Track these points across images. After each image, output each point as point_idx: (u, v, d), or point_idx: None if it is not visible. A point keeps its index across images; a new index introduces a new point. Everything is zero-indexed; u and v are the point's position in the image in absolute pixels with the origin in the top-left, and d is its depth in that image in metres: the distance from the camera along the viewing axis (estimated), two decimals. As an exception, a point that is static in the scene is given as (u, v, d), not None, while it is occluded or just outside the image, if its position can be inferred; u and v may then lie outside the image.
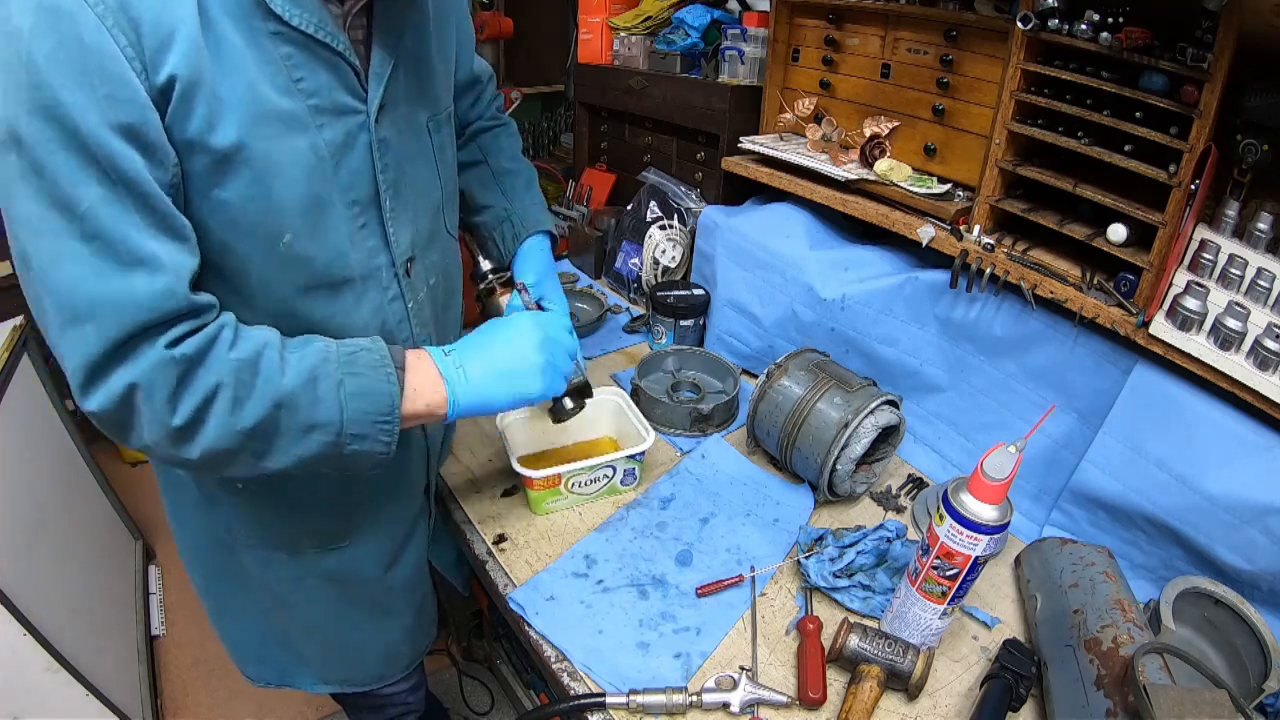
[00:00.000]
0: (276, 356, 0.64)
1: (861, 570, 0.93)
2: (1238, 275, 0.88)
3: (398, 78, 0.72)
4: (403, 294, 0.79)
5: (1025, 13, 0.91)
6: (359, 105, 0.68)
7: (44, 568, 1.47)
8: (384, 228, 0.74)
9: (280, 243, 0.65)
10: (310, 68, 0.63)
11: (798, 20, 1.32)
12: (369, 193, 0.71)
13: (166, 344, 0.57)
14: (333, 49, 0.63)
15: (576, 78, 1.82)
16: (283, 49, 0.61)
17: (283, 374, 0.63)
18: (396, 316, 0.79)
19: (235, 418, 0.61)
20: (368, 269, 0.74)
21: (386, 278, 0.77)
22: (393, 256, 0.76)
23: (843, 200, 1.24)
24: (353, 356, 0.68)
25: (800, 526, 1.00)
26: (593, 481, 1.05)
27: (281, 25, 0.60)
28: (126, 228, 0.54)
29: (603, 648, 0.84)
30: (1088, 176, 0.95)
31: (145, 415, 0.58)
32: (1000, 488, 0.71)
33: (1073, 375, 1.03)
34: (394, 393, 0.68)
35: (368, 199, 0.71)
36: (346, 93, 0.66)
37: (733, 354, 1.41)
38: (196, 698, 1.83)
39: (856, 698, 0.76)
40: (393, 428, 0.69)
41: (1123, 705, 0.65)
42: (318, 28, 0.61)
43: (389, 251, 0.76)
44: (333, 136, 0.66)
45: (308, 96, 0.63)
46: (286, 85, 0.61)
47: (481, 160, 1.05)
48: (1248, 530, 0.83)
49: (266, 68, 0.60)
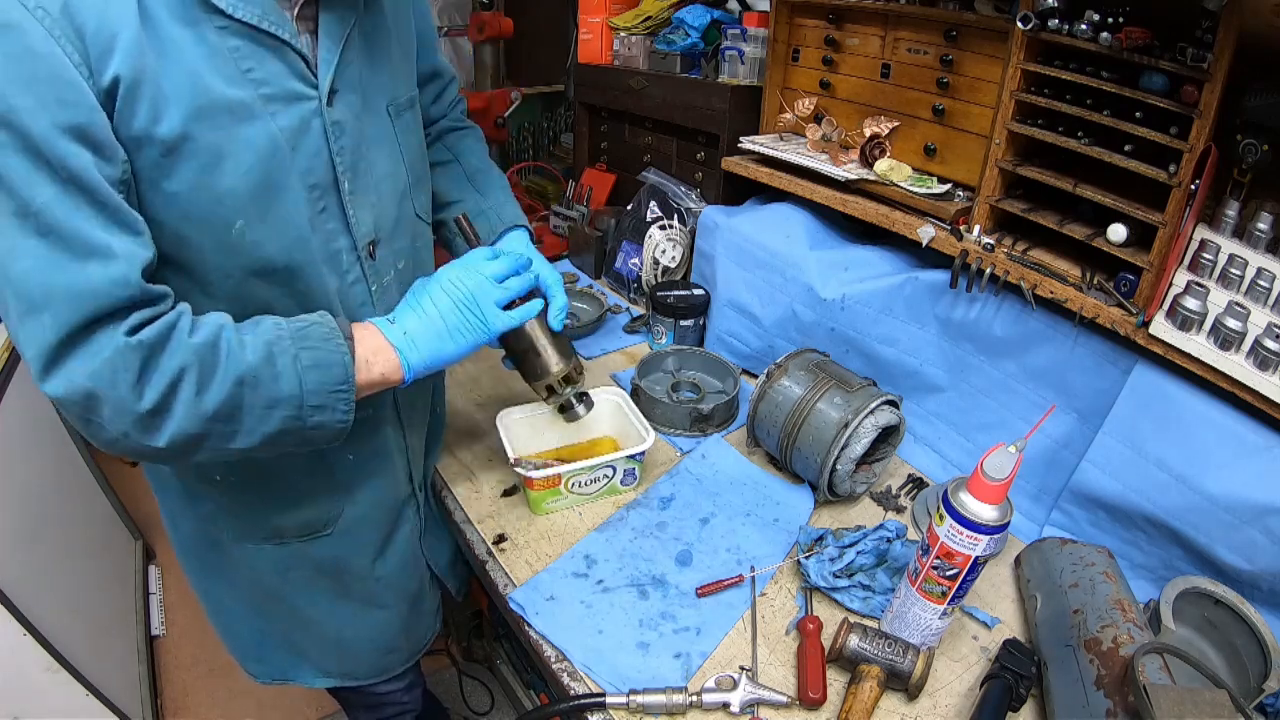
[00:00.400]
0: (234, 336, 0.66)
1: (862, 570, 0.93)
2: (1238, 275, 0.88)
3: (350, 62, 0.73)
4: (365, 277, 0.81)
5: (1025, 13, 0.91)
6: (310, 91, 0.69)
7: (44, 568, 1.47)
8: (344, 210, 0.76)
9: (231, 230, 0.66)
10: (258, 58, 0.65)
11: (798, 20, 1.32)
12: (327, 176, 0.73)
13: (127, 331, 0.59)
14: (278, 38, 0.65)
15: (576, 78, 1.82)
16: (230, 42, 0.62)
17: (242, 350, 0.65)
18: (358, 299, 0.81)
19: (200, 399, 0.63)
20: (327, 252, 0.76)
21: (348, 260, 0.78)
22: (354, 239, 0.78)
23: (843, 200, 1.24)
24: (304, 331, 0.70)
25: (800, 526, 1.00)
26: (593, 481, 1.05)
27: (226, 19, 0.62)
28: (79, 222, 0.57)
29: (603, 648, 0.84)
30: (1088, 176, 0.95)
31: (111, 403, 0.60)
32: (1000, 488, 0.71)
33: (1073, 375, 1.03)
34: (346, 362, 0.71)
35: (326, 183, 0.73)
36: (297, 79, 0.68)
37: (733, 354, 1.41)
38: (196, 698, 1.83)
39: (856, 698, 0.76)
40: (349, 395, 0.72)
41: (1123, 705, 0.65)
42: (261, 18, 0.63)
43: (349, 234, 0.77)
44: (287, 122, 0.68)
45: (258, 86, 0.65)
46: (235, 75, 0.63)
47: (452, 159, 1.06)
48: (1248, 530, 0.83)
49: (213, 60, 0.62)
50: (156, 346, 0.61)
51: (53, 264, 0.57)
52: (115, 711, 1.44)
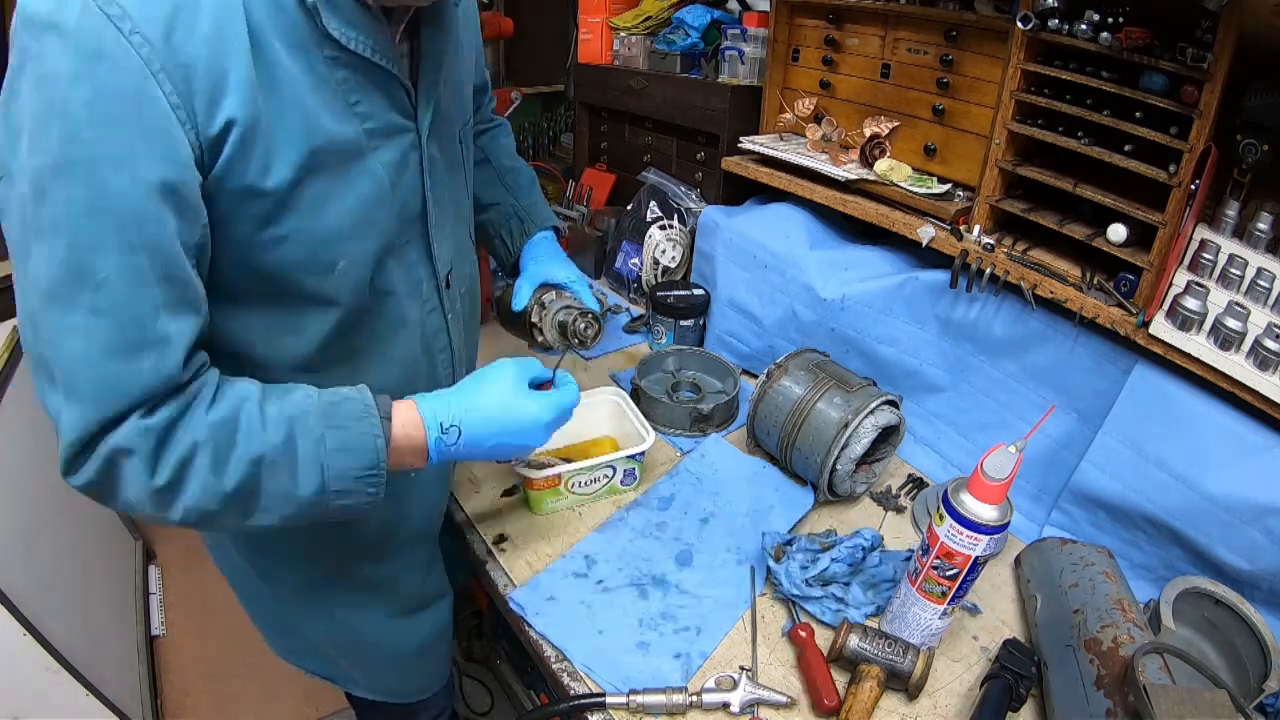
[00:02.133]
0: (256, 411, 0.60)
1: (835, 580, 0.91)
2: (1238, 275, 0.88)
3: (442, 94, 0.72)
4: (442, 305, 0.80)
5: (1025, 13, 0.91)
6: (410, 124, 0.68)
7: (44, 568, 1.47)
8: (429, 242, 0.75)
9: (334, 271, 0.64)
10: (365, 90, 0.62)
11: (798, 20, 1.32)
12: (417, 209, 0.72)
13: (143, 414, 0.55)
14: (387, 71, 0.63)
15: (576, 78, 1.82)
16: (338, 73, 0.59)
17: (264, 429, 0.60)
18: (435, 327, 0.80)
19: (217, 479, 0.58)
20: (409, 282, 0.74)
21: (427, 290, 0.77)
22: (435, 269, 0.77)
23: (843, 200, 1.24)
24: (335, 408, 0.63)
25: (764, 533, 0.96)
26: (593, 481, 1.05)
27: (338, 50, 0.58)
28: (141, 304, 0.52)
29: (603, 648, 0.84)
30: (1088, 176, 0.95)
31: (127, 479, 0.56)
32: (1000, 488, 0.71)
33: (1073, 375, 1.03)
34: (379, 446, 0.63)
35: (415, 215, 0.72)
36: (398, 113, 0.66)
37: (733, 354, 1.41)
38: (197, 698, 1.83)
39: (856, 698, 0.76)
40: (379, 480, 0.64)
41: (1123, 705, 0.65)
42: (374, 50, 0.60)
43: (431, 264, 0.77)
44: (389, 158, 0.66)
45: (364, 120, 0.62)
46: (343, 110, 0.60)
47: (484, 159, 1.05)
48: (1248, 530, 0.83)
49: (323, 93, 0.58)
50: (173, 423, 0.56)
51: (105, 351, 0.52)
52: (115, 711, 1.44)
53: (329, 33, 0.57)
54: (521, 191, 1.05)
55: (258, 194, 0.56)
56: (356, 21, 0.58)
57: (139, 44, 0.46)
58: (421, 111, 0.69)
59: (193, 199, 0.52)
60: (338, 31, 0.57)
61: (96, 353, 0.52)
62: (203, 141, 0.51)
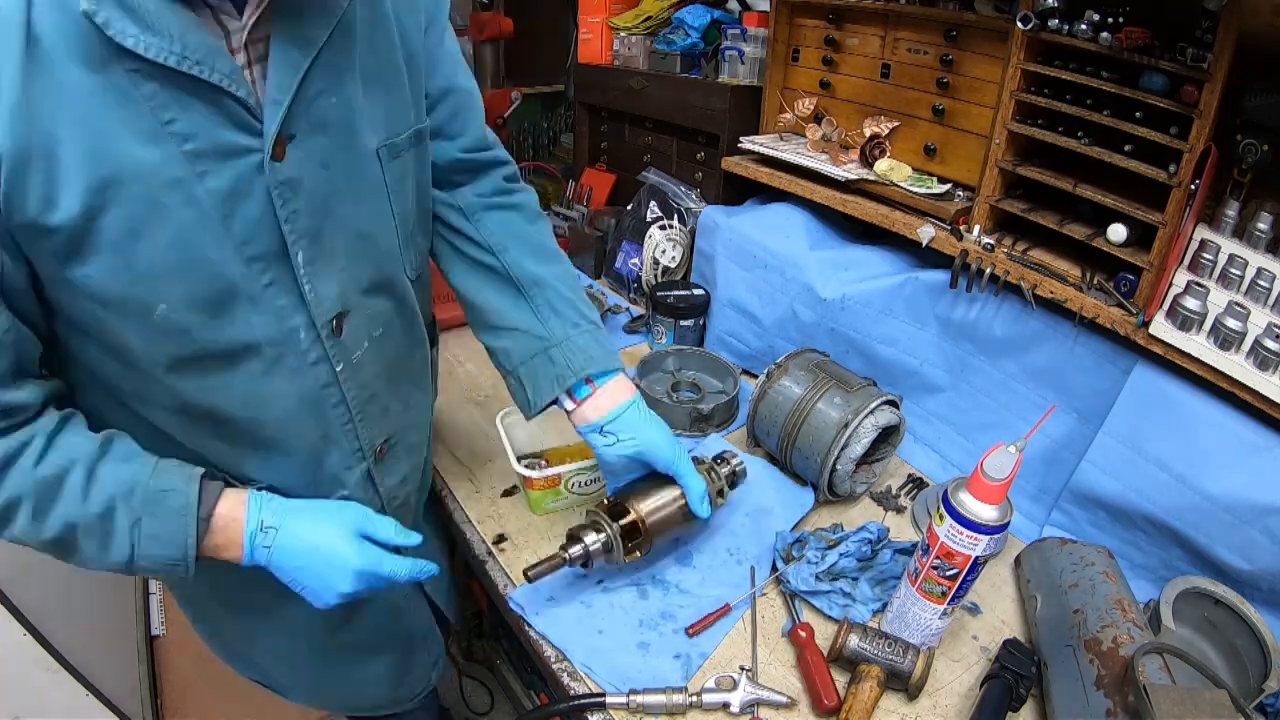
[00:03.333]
0: (82, 479, 0.60)
1: (844, 575, 0.91)
2: (1238, 275, 0.88)
3: (321, 95, 0.60)
4: (328, 356, 0.68)
5: (1025, 13, 0.91)
6: (253, 142, 0.56)
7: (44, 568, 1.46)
8: (298, 283, 0.63)
9: (153, 315, 0.57)
10: (181, 105, 0.52)
11: (798, 20, 1.32)
12: (273, 246, 0.60)
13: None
14: (207, 81, 0.52)
15: (576, 78, 1.82)
16: (144, 87, 0.50)
17: (84, 499, 0.60)
18: (320, 381, 0.69)
19: (36, 527, 0.59)
20: (279, 333, 0.64)
21: (306, 340, 0.66)
22: (311, 316, 0.65)
23: (843, 200, 1.24)
24: (161, 495, 0.62)
25: (777, 533, 0.98)
26: (593, 481, 1.04)
27: (139, 60, 0.49)
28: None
29: (602, 648, 0.84)
30: (1088, 176, 0.95)
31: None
32: (1000, 488, 0.71)
33: (1073, 375, 1.03)
34: (189, 544, 0.63)
35: (272, 253, 0.61)
36: (235, 128, 0.55)
37: (733, 354, 1.41)
38: (196, 698, 1.83)
39: (856, 698, 0.76)
40: (186, 568, 0.64)
41: (1123, 705, 0.65)
42: (181, 58, 0.50)
43: (306, 311, 0.65)
44: (218, 184, 0.55)
45: (182, 141, 0.53)
46: (153, 130, 0.51)
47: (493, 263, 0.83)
48: (1248, 530, 0.83)
49: (125, 111, 0.50)
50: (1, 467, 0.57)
51: None
52: (115, 711, 1.44)
53: (122, 44, 0.48)
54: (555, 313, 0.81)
55: (45, 230, 0.50)
56: (159, 24, 0.49)
57: None
58: (267, 125, 0.56)
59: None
60: (132, 39, 0.48)
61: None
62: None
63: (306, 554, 0.68)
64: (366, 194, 0.68)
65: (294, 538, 0.68)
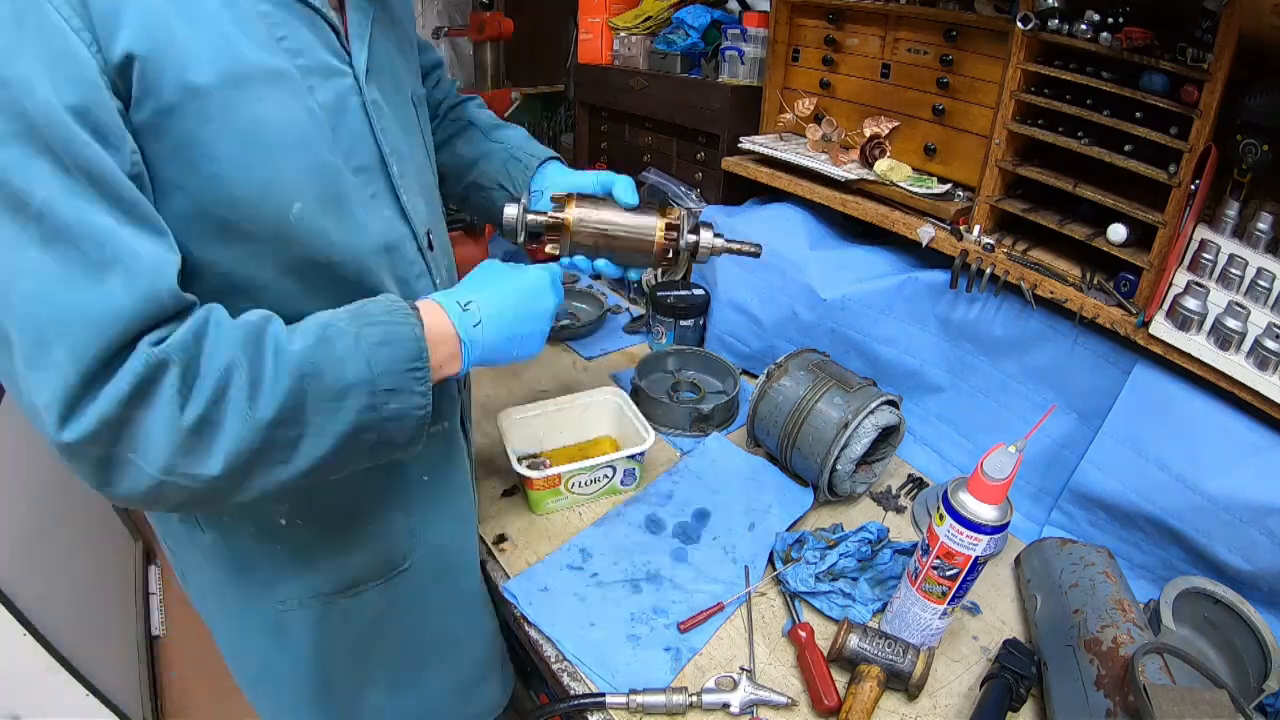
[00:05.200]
0: (280, 328, 0.56)
1: (844, 576, 0.91)
2: (1238, 275, 0.88)
3: (379, 40, 0.68)
4: (429, 270, 0.74)
5: (1025, 13, 0.91)
6: (344, 67, 0.63)
7: (44, 568, 1.47)
8: (397, 195, 0.69)
9: (290, 215, 0.57)
10: (291, 25, 0.58)
11: (798, 20, 1.32)
12: (373, 159, 0.66)
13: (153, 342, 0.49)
14: (311, 5, 0.59)
15: (576, 78, 1.82)
16: (260, 6, 0.56)
17: (293, 342, 0.55)
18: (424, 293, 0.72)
19: (254, 404, 0.52)
20: (390, 240, 0.68)
21: (410, 251, 0.71)
22: (413, 227, 0.71)
23: (843, 200, 1.24)
24: (362, 309, 0.61)
25: (776, 533, 0.99)
26: (593, 481, 1.05)
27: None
28: (93, 222, 0.46)
29: (594, 640, 0.85)
30: (1088, 176, 0.95)
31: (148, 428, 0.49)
32: (1000, 488, 0.71)
33: (1073, 375, 1.03)
34: (418, 334, 0.61)
35: (374, 165, 0.66)
36: (330, 53, 0.62)
37: (733, 354, 1.41)
38: (197, 698, 1.83)
39: (856, 698, 0.76)
40: (425, 374, 0.61)
41: (1123, 705, 0.65)
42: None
43: (407, 222, 0.70)
44: (325, 98, 0.60)
45: (294, 56, 0.58)
46: (269, 43, 0.56)
47: (466, 124, 0.99)
48: (1248, 530, 0.83)
49: (245, 25, 0.54)
50: (192, 347, 0.50)
51: (63, 282, 0.46)
52: (115, 711, 1.44)
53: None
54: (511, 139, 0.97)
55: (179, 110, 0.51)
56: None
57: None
58: (356, 53, 0.64)
59: (111, 123, 0.48)
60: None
61: (53, 286, 0.46)
62: (109, 62, 0.47)
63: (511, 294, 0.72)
64: (414, 132, 0.75)
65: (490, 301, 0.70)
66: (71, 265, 0.46)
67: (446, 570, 0.88)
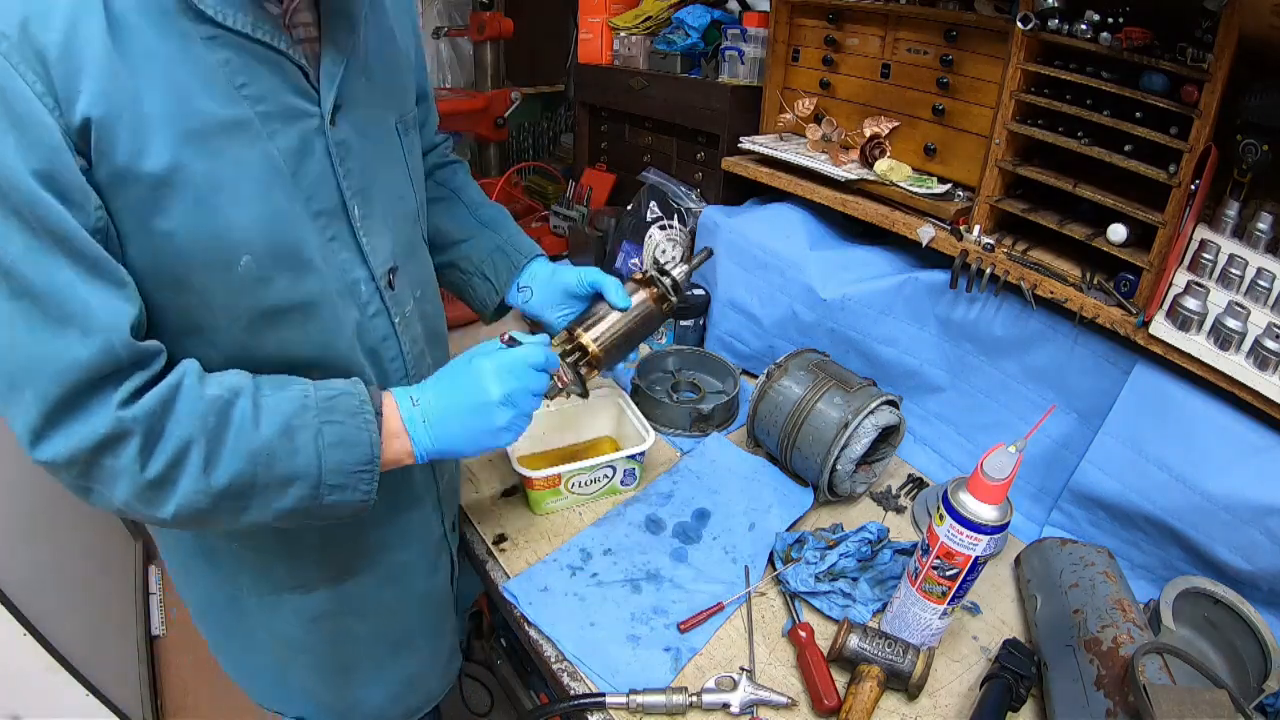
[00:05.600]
0: (249, 405, 0.60)
1: (844, 575, 0.91)
2: (1238, 275, 0.88)
3: (356, 75, 0.67)
4: (386, 308, 0.74)
5: (1025, 13, 0.91)
6: (311, 108, 0.63)
7: (44, 568, 1.47)
8: (356, 238, 0.69)
9: (237, 267, 0.59)
10: (252, 72, 0.58)
11: (798, 20, 1.32)
12: (333, 202, 0.66)
13: (121, 401, 0.54)
14: (274, 48, 0.59)
15: (576, 78, 1.82)
16: (219, 54, 0.56)
17: (256, 426, 0.60)
18: (380, 333, 0.75)
19: (209, 475, 0.58)
20: (343, 284, 0.69)
21: (366, 292, 0.71)
22: (370, 269, 0.71)
23: (843, 200, 1.24)
24: (331, 402, 0.64)
25: (777, 534, 0.99)
26: (593, 482, 1.05)
27: (215, 28, 0.55)
28: (55, 280, 0.51)
29: (594, 640, 0.85)
30: (1088, 176, 0.95)
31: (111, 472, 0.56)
32: (1000, 488, 0.71)
33: (1073, 375, 1.03)
34: (374, 440, 0.65)
35: (333, 208, 0.67)
36: (296, 95, 0.62)
37: (733, 354, 1.41)
38: (196, 698, 1.83)
39: (856, 698, 0.76)
40: (372, 476, 0.66)
41: (1123, 705, 0.65)
42: (254, 27, 0.57)
43: (365, 264, 0.71)
44: (287, 143, 0.61)
45: (254, 103, 0.59)
46: (228, 93, 0.57)
47: (449, 195, 0.98)
48: (1248, 530, 0.83)
49: (202, 75, 0.55)
50: (158, 414, 0.56)
51: (28, 333, 0.51)
52: (115, 711, 1.44)
53: (202, 10, 0.54)
54: (501, 226, 0.97)
55: (134, 178, 0.53)
56: None
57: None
58: (324, 94, 0.63)
59: (74, 182, 0.50)
60: (211, 8, 0.54)
61: (20, 335, 0.51)
62: (70, 125, 0.50)
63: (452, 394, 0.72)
64: (393, 161, 0.75)
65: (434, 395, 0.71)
66: (34, 319, 0.51)
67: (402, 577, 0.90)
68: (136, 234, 0.55)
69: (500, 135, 1.99)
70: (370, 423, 0.65)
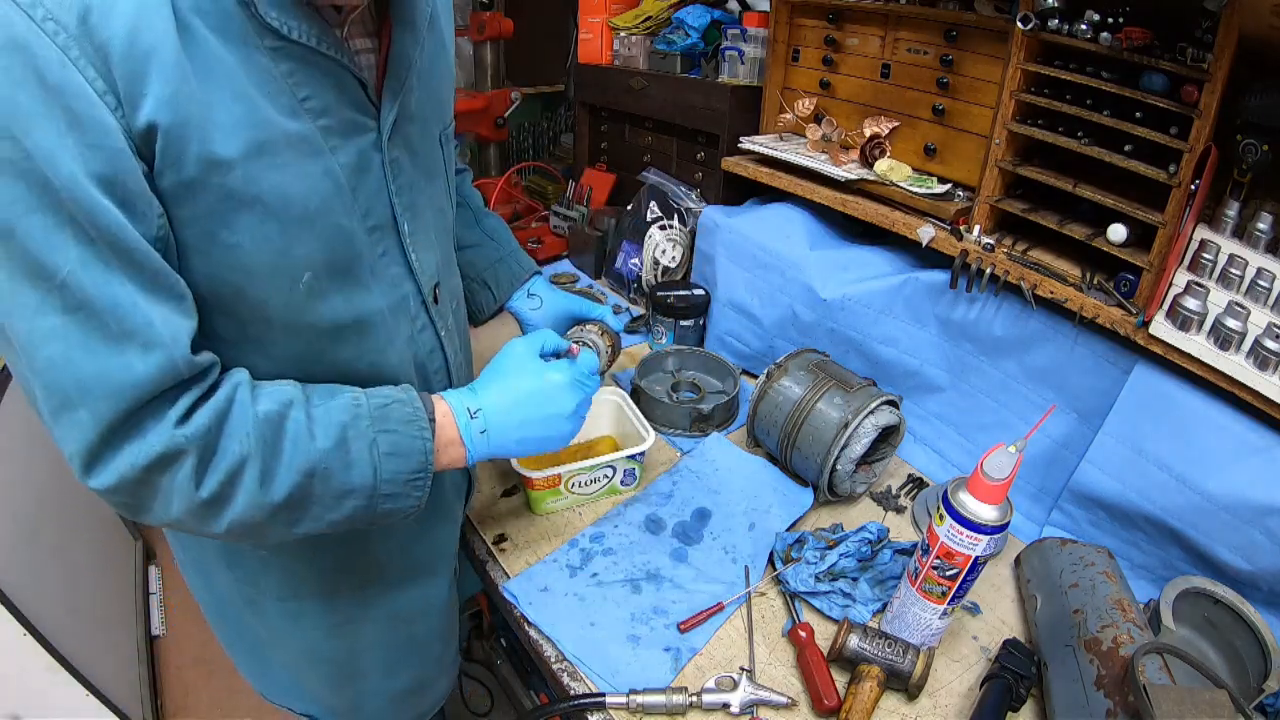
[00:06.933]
0: (303, 417, 0.59)
1: (844, 575, 0.91)
2: (1237, 275, 0.88)
3: (413, 89, 0.66)
4: (432, 322, 0.75)
5: (1025, 13, 0.91)
6: (370, 122, 0.62)
7: (44, 568, 1.47)
8: (405, 254, 0.69)
9: (300, 283, 0.59)
10: (315, 85, 0.56)
11: (798, 20, 1.32)
12: (386, 217, 0.66)
13: (178, 420, 0.53)
14: (338, 61, 0.57)
15: (576, 78, 1.82)
16: (283, 65, 0.54)
17: (312, 438, 0.59)
18: (428, 347, 0.75)
19: (265, 491, 0.57)
20: (394, 300, 0.69)
21: (414, 307, 0.72)
22: (418, 284, 0.71)
23: (843, 200, 1.24)
24: (385, 410, 0.64)
25: (777, 534, 0.99)
26: (593, 482, 1.05)
27: (279, 40, 0.53)
28: (113, 293, 0.48)
29: (593, 640, 0.85)
30: (1088, 176, 0.95)
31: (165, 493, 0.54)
32: (1000, 488, 0.71)
33: (1073, 375, 1.03)
34: (428, 449, 0.65)
35: (385, 224, 0.66)
36: (355, 109, 0.61)
37: (733, 354, 1.41)
38: (196, 698, 1.83)
39: (856, 698, 0.76)
40: (425, 483, 0.66)
41: (1123, 705, 0.65)
42: (319, 40, 0.55)
43: (413, 279, 0.71)
44: (347, 159, 0.60)
45: (316, 117, 0.57)
46: (292, 106, 0.55)
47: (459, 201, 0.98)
48: (1248, 530, 0.83)
49: (268, 88, 0.53)
50: (214, 431, 0.54)
51: (84, 349, 0.48)
52: (115, 711, 1.44)
53: (267, 21, 0.51)
54: (505, 237, 1.00)
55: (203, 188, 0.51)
56: (297, 12, 0.53)
57: (54, 31, 0.43)
58: (385, 110, 0.63)
59: (138, 189, 0.48)
60: (277, 20, 0.52)
61: (75, 352, 0.48)
62: (134, 128, 0.47)
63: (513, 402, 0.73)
64: (435, 174, 0.75)
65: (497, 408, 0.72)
66: (92, 334, 0.48)
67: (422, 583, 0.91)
68: (200, 245, 0.53)
69: (500, 135, 1.99)
70: (425, 430, 0.65)
